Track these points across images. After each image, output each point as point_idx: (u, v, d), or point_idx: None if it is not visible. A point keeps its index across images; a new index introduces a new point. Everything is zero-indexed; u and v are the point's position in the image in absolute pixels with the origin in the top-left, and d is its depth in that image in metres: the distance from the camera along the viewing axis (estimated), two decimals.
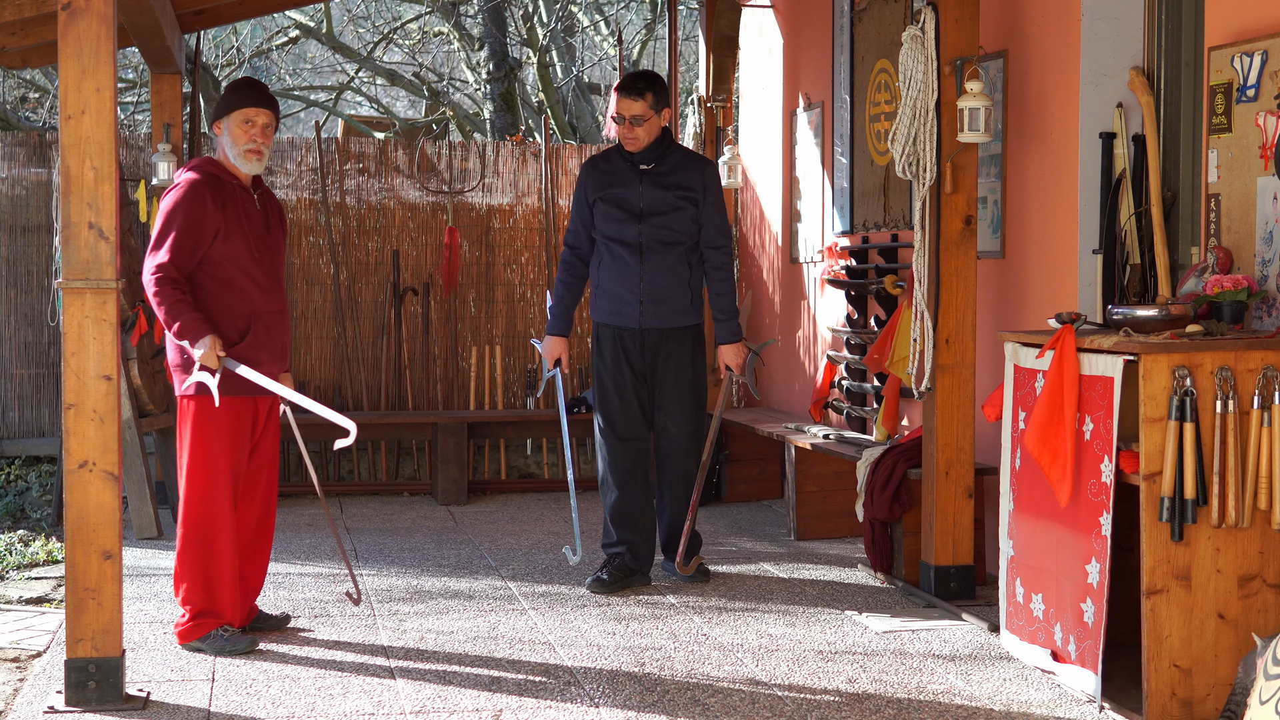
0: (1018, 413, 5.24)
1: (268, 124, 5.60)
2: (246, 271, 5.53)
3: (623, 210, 6.50)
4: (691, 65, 12.85)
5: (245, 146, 5.56)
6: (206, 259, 5.48)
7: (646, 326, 6.54)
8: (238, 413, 5.54)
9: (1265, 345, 4.56)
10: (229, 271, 5.51)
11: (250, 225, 5.58)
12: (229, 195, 5.55)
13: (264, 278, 5.58)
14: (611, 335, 6.59)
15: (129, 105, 14.15)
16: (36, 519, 8.55)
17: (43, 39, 7.91)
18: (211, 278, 5.50)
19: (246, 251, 5.53)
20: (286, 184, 9.71)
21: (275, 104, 5.67)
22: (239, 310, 5.53)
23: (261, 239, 5.61)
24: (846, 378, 8.08)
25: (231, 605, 5.54)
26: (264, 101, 5.60)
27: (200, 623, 5.50)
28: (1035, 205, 6.39)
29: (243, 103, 5.57)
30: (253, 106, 5.57)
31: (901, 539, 6.54)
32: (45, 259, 9.59)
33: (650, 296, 6.51)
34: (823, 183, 8.52)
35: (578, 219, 6.67)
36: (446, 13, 14.90)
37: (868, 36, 7.84)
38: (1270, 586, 4.58)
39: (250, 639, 5.52)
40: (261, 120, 5.58)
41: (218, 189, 5.53)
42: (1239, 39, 5.13)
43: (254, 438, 5.66)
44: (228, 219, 5.50)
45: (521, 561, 7.13)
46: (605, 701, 4.91)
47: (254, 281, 5.55)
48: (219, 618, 5.51)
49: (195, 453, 5.49)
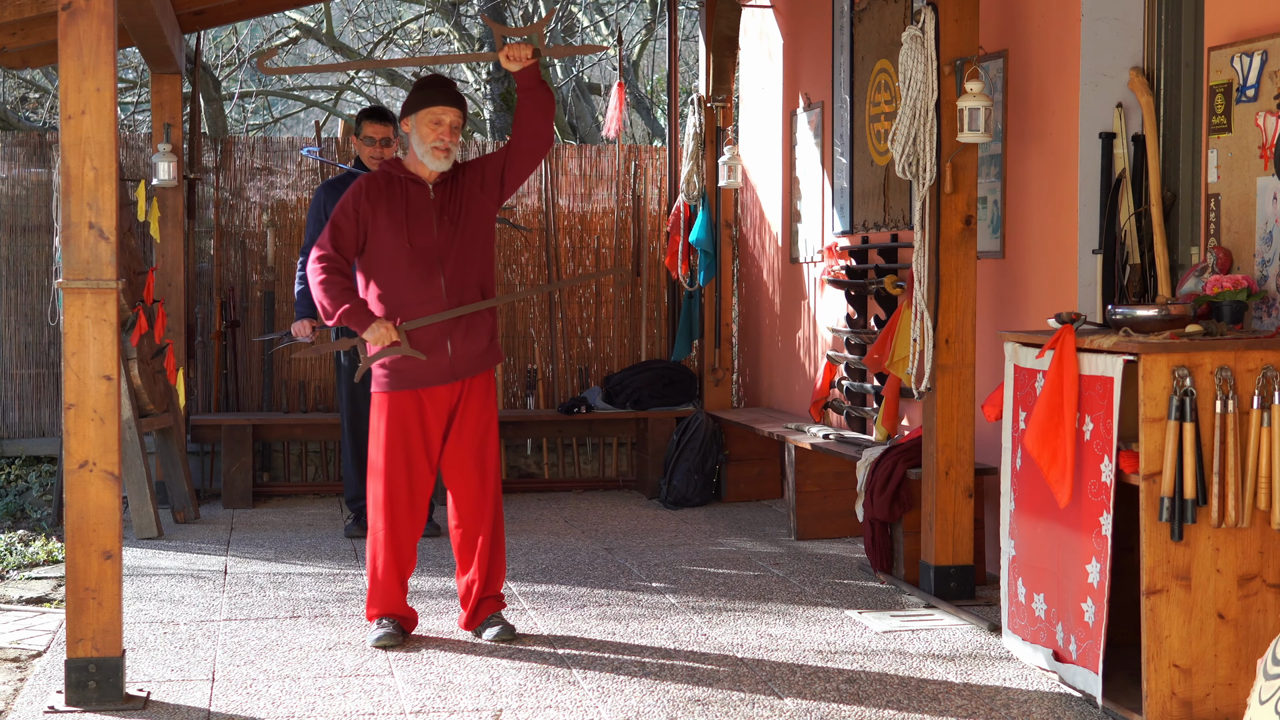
0: (1018, 413, 5.24)
1: (455, 123, 5.61)
2: (397, 266, 5.56)
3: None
4: (691, 65, 12.85)
5: (433, 144, 5.58)
6: (365, 250, 5.60)
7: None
8: (396, 407, 5.58)
9: (1265, 345, 4.56)
10: (380, 264, 5.58)
11: (416, 221, 5.59)
12: (395, 191, 5.60)
13: (420, 271, 5.57)
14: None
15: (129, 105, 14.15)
16: (36, 519, 8.55)
17: (43, 39, 7.91)
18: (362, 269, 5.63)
19: (403, 247, 5.56)
20: (286, 184, 9.71)
21: (463, 102, 5.68)
22: (389, 304, 5.58)
23: (429, 234, 5.59)
24: (846, 378, 8.08)
25: (384, 599, 5.63)
26: (452, 100, 5.62)
27: (368, 611, 5.68)
28: (1035, 205, 6.39)
29: (431, 101, 5.60)
30: (441, 105, 5.60)
31: (901, 539, 6.54)
32: (45, 259, 9.59)
33: None
34: (822, 183, 8.53)
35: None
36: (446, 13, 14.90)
37: (868, 36, 7.84)
38: (1270, 586, 4.58)
39: (384, 633, 5.57)
40: (449, 119, 5.60)
41: (382, 185, 5.60)
42: (1239, 39, 5.13)
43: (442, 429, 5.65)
44: (380, 213, 5.56)
45: (521, 561, 7.13)
46: (605, 701, 4.92)
47: (405, 275, 5.56)
48: (374, 608, 5.65)
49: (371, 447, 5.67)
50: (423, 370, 5.57)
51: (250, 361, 9.59)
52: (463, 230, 5.63)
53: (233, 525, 8.16)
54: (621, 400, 9.32)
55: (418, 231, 5.58)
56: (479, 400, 5.68)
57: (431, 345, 5.57)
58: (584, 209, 10.05)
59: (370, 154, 7.72)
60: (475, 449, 5.68)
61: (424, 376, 5.58)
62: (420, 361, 5.56)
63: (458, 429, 5.66)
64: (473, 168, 5.72)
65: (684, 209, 9.28)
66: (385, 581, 5.63)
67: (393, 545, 5.62)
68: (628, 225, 10.06)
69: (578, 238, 10.01)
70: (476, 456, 5.68)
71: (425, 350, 5.55)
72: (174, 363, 8.31)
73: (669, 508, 8.68)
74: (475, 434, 5.67)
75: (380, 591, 5.63)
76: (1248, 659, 4.57)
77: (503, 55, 5.54)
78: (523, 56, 5.53)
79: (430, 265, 5.57)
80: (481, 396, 5.69)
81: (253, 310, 9.60)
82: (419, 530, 5.69)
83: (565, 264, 9.97)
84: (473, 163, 5.74)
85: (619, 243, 10.04)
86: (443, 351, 5.58)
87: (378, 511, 5.62)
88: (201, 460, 9.28)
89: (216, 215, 9.58)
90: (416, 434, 5.61)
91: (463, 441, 5.66)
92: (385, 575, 5.62)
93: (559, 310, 9.92)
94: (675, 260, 9.30)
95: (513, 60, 5.53)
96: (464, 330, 5.61)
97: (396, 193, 5.62)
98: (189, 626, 5.89)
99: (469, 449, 5.67)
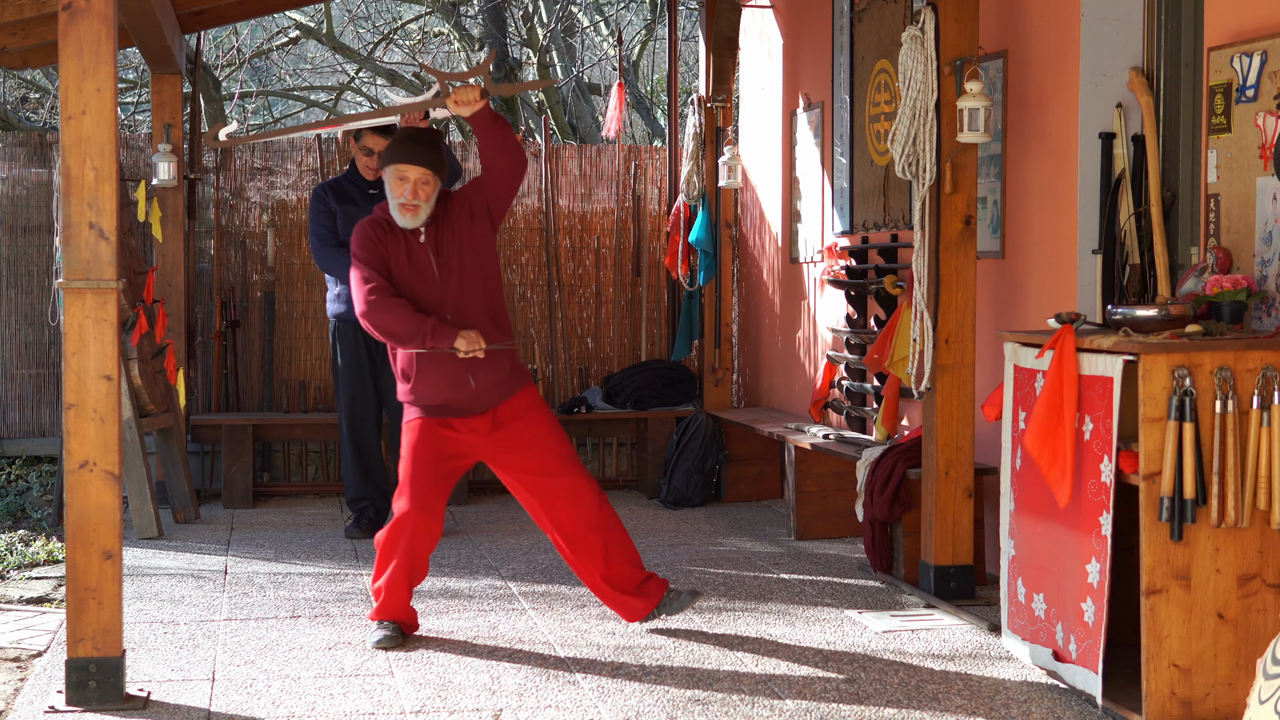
0: (1018, 413, 5.24)
1: (421, 179, 5.51)
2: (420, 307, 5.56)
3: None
4: (691, 65, 12.85)
5: (399, 201, 5.54)
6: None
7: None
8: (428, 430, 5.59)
9: (1265, 345, 4.56)
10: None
11: (414, 267, 5.56)
12: (392, 238, 5.58)
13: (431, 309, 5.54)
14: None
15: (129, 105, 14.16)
16: (37, 519, 8.55)
17: (43, 39, 7.92)
18: None
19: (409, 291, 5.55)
20: (287, 184, 9.71)
21: (433, 158, 5.55)
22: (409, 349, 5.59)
23: (429, 278, 5.56)
24: (846, 378, 8.08)
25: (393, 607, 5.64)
26: (416, 158, 5.51)
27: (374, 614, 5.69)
28: (1035, 205, 6.39)
29: (394, 157, 5.53)
30: (404, 163, 5.51)
31: (901, 539, 6.54)
32: (45, 259, 9.59)
33: None
34: (822, 183, 8.53)
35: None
36: (446, 13, 14.90)
37: (867, 37, 7.84)
38: (1270, 586, 4.58)
39: (384, 635, 5.57)
40: (414, 176, 5.51)
41: (378, 232, 5.58)
42: (1238, 39, 5.14)
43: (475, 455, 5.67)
44: (393, 260, 5.56)
45: (521, 561, 7.14)
46: (605, 701, 4.92)
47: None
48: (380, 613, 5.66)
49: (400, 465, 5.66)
50: (452, 402, 5.58)
51: (250, 361, 9.59)
52: (460, 268, 5.60)
53: (233, 525, 8.16)
54: (621, 400, 9.32)
55: (418, 277, 5.56)
56: (526, 420, 5.65)
57: (454, 380, 5.55)
58: (584, 209, 10.05)
59: (366, 163, 7.77)
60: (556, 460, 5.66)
61: (454, 407, 5.59)
62: (448, 394, 5.55)
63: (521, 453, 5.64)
64: (458, 200, 5.65)
65: (684, 209, 9.28)
66: (396, 590, 5.64)
67: (409, 558, 5.63)
68: (628, 225, 10.06)
69: (578, 238, 10.02)
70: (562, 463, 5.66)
71: (448, 385, 5.55)
72: (174, 363, 8.31)
73: (669, 508, 8.69)
74: (544, 450, 5.65)
75: (390, 599, 5.64)
76: (1247, 659, 4.57)
77: (450, 101, 5.44)
78: (471, 99, 5.43)
79: (434, 307, 5.56)
80: (525, 415, 5.66)
81: (253, 310, 9.60)
82: (434, 544, 5.71)
83: (565, 264, 9.97)
84: (457, 195, 5.67)
85: (619, 243, 10.04)
86: (465, 385, 5.57)
87: (400, 527, 5.61)
88: (201, 460, 9.29)
89: (217, 215, 9.58)
90: (444, 454, 5.62)
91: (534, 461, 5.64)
92: (397, 584, 5.63)
93: (559, 310, 9.92)
94: (675, 260, 9.30)
95: (461, 105, 5.43)
96: (483, 363, 5.58)
97: (390, 239, 5.58)
98: (189, 626, 5.90)
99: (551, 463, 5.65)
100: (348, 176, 7.86)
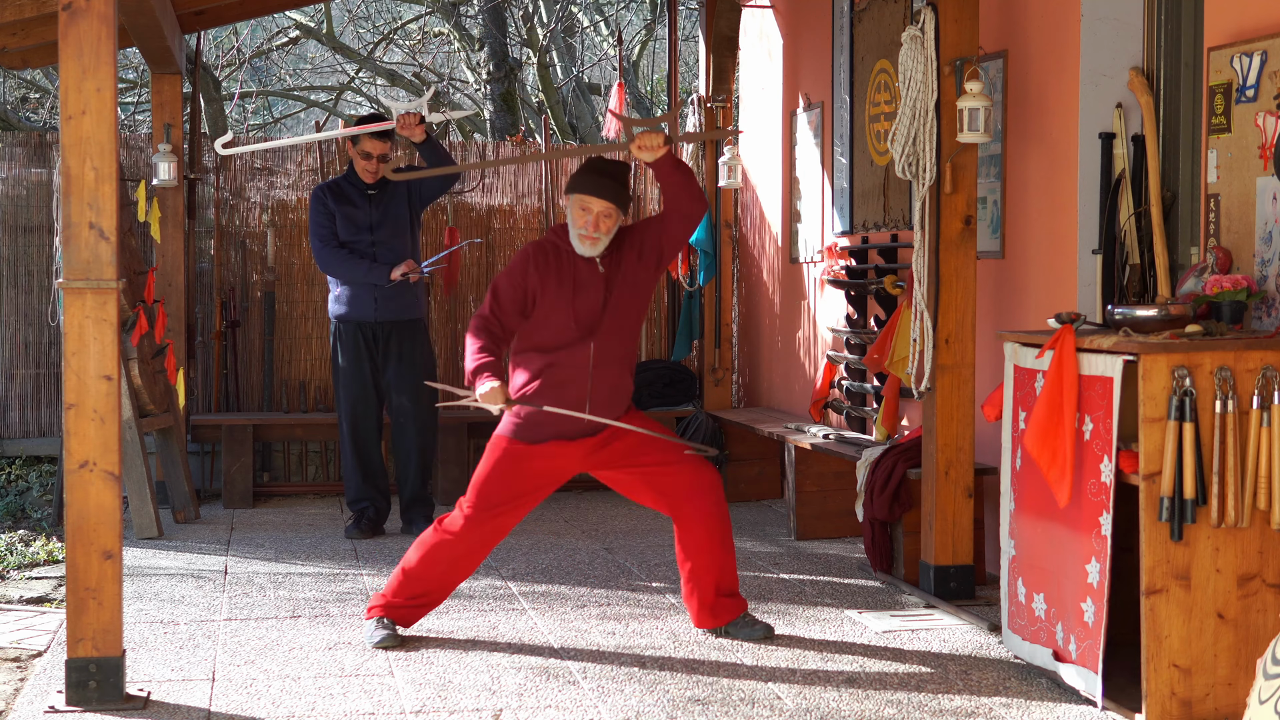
0: (1018, 413, 5.24)
1: (603, 212, 5.51)
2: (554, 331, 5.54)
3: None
4: (691, 65, 12.85)
5: (579, 231, 5.54)
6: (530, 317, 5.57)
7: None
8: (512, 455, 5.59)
9: (1265, 345, 4.56)
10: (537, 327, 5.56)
11: (582, 295, 5.56)
12: (564, 263, 5.57)
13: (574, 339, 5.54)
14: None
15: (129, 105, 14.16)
16: (37, 519, 8.55)
17: (43, 39, 7.92)
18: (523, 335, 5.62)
19: (566, 318, 5.54)
20: (287, 184, 9.71)
21: (619, 194, 5.53)
22: (535, 364, 5.57)
23: (593, 307, 5.56)
24: (846, 378, 8.08)
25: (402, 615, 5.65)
26: (601, 191, 5.50)
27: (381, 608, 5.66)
28: (1035, 205, 6.39)
29: (580, 187, 5.53)
30: (589, 194, 5.51)
31: (901, 539, 6.54)
32: (45, 259, 9.58)
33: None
34: (822, 183, 8.53)
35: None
36: (446, 13, 14.91)
37: (867, 37, 7.84)
38: (1269, 586, 4.58)
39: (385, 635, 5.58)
40: (596, 209, 5.50)
41: (550, 256, 5.57)
42: (1238, 39, 5.14)
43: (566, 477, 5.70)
44: (549, 285, 5.54)
45: (521, 561, 7.14)
46: (605, 701, 4.92)
47: (558, 340, 5.55)
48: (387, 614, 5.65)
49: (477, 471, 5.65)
50: (561, 424, 5.57)
51: (250, 361, 9.59)
52: (618, 303, 5.60)
53: (233, 525, 8.16)
54: None
55: (582, 305, 5.56)
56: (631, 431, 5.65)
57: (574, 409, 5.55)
58: None
59: (364, 166, 7.76)
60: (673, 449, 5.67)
61: (562, 430, 5.59)
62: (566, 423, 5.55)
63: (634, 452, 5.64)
64: (632, 236, 5.65)
65: None
66: (412, 603, 5.66)
67: (440, 584, 5.67)
68: None
69: None
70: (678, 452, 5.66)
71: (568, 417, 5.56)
72: (174, 363, 8.31)
73: None
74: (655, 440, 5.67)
75: (401, 608, 5.65)
76: (1247, 659, 4.57)
77: (634, 146, 5.48)
78: (655, 145, 5.47)
79: (585, 335, 5.56)
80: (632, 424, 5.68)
81: (253, 310, 9.59)
82: (468, 575, 5.76)
83: None
84: (633, 230, 5.67)
85: None
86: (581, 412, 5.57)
87: (447, 546, 5.61)
88: (202, 460, 9.29)
89: (217, 215, 9.58)
90: (523, 487, 5.62)
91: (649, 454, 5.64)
92: (414, 598, 5.64)
93: None
94: (675, 260, 9.30)
95: (645, 150, 5.47)
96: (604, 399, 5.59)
97: (565, 265, 5.57)
98: (189, 626, 5.90)
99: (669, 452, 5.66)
100: (346, 178, 7.86)
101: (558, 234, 5.65)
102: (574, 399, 5.55)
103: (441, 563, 5.63)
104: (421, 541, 5.67)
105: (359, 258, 7.72)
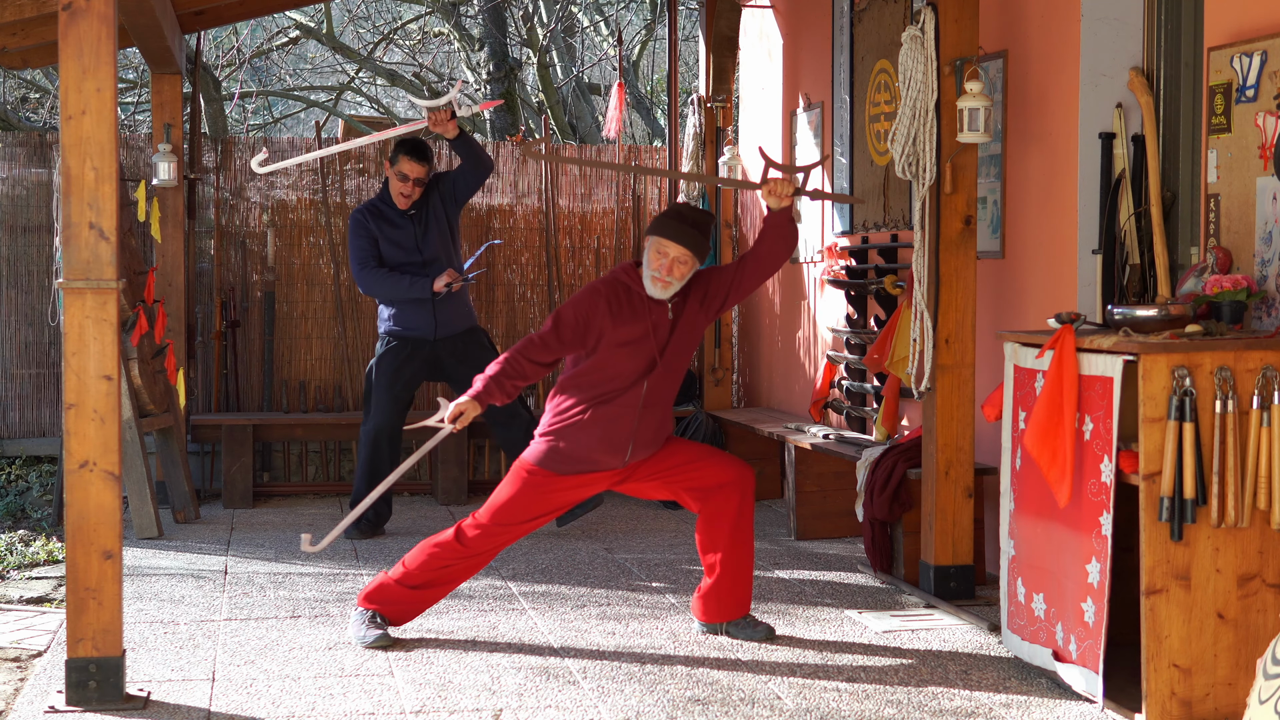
0: (1018, 413, 5.24)
1: (679, 258, 5.48)
2: (613, 367, 5.53)
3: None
4: (691, 65, 12.85)
5: (653, 273, 5.51)
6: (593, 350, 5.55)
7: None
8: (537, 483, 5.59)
9: (1265, 345, 4.56)
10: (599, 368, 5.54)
11: (648, 337, 5.55)
12: (637, 304, 5.55)
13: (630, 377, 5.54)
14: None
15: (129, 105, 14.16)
16: (37, 519, 8.55)
17: (43, 39, 7.92)
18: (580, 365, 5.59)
19: (628, 356, 5.53)
20: (287, 184, 9.71)
21: (697, 242, 5.48)
22: (586, 395, 5.55)
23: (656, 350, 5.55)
24: (846, 378, 8.08)
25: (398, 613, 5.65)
26: (680, 238, 5.46)
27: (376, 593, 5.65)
28: (1035, 205, 6.40)
29: (661, 230, 5.50)
30: (668, 239, 5.47)
31: (901, 539, 6.54)
32: (45, 259, 9.59)
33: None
34: (823, 183, 8.52)
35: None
36: (446, 13, 14.90)
37: (867, 37, 7.84)
38: (1269, 586, 4.58)
39: (379, 634, 5.58)
40: (673, 254, 5.47)
41: (623, 297, 5.55)
42: (1238, 39, 5.14)
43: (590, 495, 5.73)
44: (620, 325, 5.52)
45: (521, 561, 7.14)
46: (605, 701, 4.92)
47: (615, 376, 5.54)
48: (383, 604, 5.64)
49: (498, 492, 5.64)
50: (601, 460, 5.58)
51: (250, 361, 9.59)
52: (677, 347, 5.60)
53: (233, 525, 8.16)
54: None
55: (645, 346, 5.55)
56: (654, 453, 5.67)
57: (616, 446, 5.56)
58: (584, 209, 10.05)
59: (400, 189, 7.64)
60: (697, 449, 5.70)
61: (602, 464, 5.59)
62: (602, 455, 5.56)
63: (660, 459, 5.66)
64: (698, 282, 5.63)
65: None
66: (411, 603, 5.66)
67: (441, 586, 5.67)
68: (628, 225, 10.06)
69: (578, 238, 10.02)
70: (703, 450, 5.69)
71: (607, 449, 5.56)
72: (174, 363, 8.31)
73: (669, 508, 8.68)
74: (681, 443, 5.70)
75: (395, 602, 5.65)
76: (1247, 659, 4.57)
77: (765, 189, 5.51)
78: (784, 194, 5.49)
79: (641, 374, 5.55)
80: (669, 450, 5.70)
81: (253, 310, 9.60)
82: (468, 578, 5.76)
83: (565, 264, 9.97)
84: (699, 276, 5.64)
85: (619, 243, 10.04)
86: (623, 451, 5.58)
87: (454, 549, 5.61)
88: (202, 460, 9.29)
89: (217, 215, 9.58)
90: (543, 509, 5.63)
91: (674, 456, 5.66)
92: (414, 598, 5.65)
93: None
94: None
95: (773, 195, 5.49)
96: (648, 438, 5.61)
97: (638, 307, 5.55)
98: (189, 626, 5.90)
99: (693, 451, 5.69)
100: (382, 199, 7.77)
101: (628, 273, 5.61)
102: (620, 436, 5.56)
103: (444, 561, 5.62)
104: (428, 541, 5.69)
105: (399, 275, 7.64)
